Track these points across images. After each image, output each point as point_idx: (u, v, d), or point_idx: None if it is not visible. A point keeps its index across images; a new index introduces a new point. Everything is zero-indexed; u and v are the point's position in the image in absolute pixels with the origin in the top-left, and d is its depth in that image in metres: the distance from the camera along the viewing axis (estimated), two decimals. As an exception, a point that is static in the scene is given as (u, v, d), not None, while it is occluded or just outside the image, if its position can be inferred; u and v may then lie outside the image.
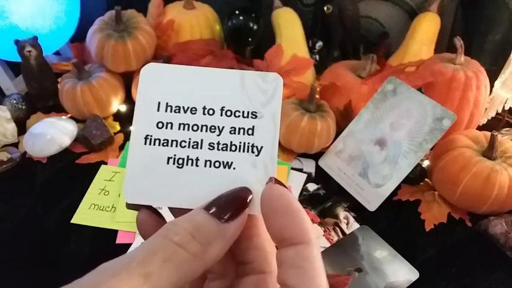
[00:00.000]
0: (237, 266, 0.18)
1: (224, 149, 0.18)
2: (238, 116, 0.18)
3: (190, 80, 0.19)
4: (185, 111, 0.18)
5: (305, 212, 0.16)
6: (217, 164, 0.18)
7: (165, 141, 0.18)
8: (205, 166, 0.18)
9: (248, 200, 0.17)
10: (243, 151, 0.18)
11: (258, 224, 0.18)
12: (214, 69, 0.19)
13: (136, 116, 0.19)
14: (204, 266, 0.16)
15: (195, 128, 0.18)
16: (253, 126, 0.18)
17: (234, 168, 0.18)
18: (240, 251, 0.18)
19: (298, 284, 0.15)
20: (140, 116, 0.19)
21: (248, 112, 0.18)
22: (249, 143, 0.18)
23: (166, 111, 0.18)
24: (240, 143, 0.18)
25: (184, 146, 0.18)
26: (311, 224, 0.17)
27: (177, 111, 0.18)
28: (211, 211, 0.16)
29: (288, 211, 0.16)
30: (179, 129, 0.18)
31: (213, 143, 0.18)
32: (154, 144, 0.18)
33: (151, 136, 0.18)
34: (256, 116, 0.18)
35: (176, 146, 0.18)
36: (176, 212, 0.19)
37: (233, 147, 0.18)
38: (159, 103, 0.19)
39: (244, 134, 0.18)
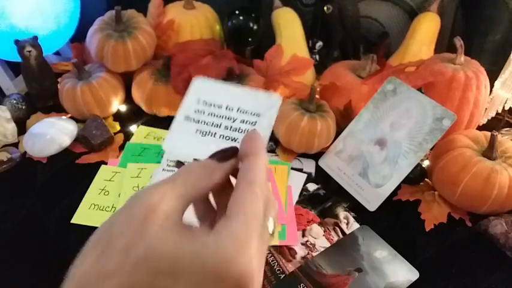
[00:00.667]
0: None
1: (234, 130, 0.28)
2: (247, 114, 0.28)
3: (221, 89, 0.29)
4: (213, 106, 0.29)
5: (259, 135, 0.25)
6: (227, 138, 0.28)
7: (197, 120, 0.28)
8: (219, 138, 0.28)
9: (235, 152, 0.25)
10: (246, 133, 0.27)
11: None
12: (240, 86, 0.29)
13: (183, 103, 0.29)
14: (211, 184, 0.23)
15: (218, 115, 0.28)
16: (255, 121, 0.28)
17: (238, 143, 0.27)
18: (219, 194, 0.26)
19: (247, 170, 0.23)
20: (186, 104, 0.29)
21: (254, 113, 0.28)
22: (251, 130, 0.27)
23: (201, 104, 0.29)
24: (246, 129, 0.28)
25: (209, 124, 0.28)
26: (261, 140, 0.25)
27: (208, 105, 0.29)
28: (213, 156, 0.24)
29: (249, 136, 0.25)
30: (208, 115, 0.28)
31: (228, 126, 0.28)
32: (190, 121, 0.28)
33: (188, 116, 0.28)
34: (259, 116, 0.28)
35: (203, 124, 0.28)
36: None
37: (240, 131, 0.28)
38: (199, 99, 0.29)
39: (249, 124, 0.28)
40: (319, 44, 0.74)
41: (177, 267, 0.18)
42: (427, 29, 0.69)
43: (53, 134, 0.61)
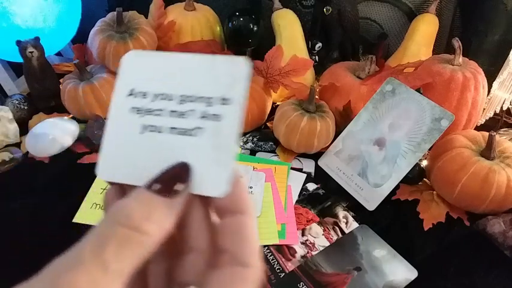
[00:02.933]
0: (174, 243, 0.19)
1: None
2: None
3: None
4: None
5: (245, 185, 0.18)
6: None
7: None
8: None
9: (187, 175, 0.18)
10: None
11: (197, 203, 0.18)
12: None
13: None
14: (157, 242, 0.16)
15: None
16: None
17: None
18: (179, 229, 0.18)
19: (237, 248, 0.17)
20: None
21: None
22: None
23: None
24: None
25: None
26: (248, 198, 0.18)
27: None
28: (154, 188, 0.17)
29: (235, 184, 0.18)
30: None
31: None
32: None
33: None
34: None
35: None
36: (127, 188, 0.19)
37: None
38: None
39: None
40: (319, 45, 0.74)
41: None
42: (425, 30, 0.70)
43: (55, 134, 0.61)
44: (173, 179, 0.17)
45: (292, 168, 0.61)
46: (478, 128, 0.64)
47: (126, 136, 0.19)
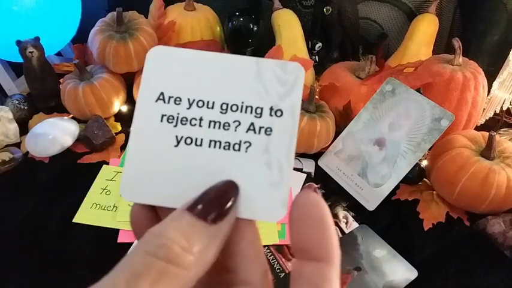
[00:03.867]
0: (221, 273, 0.16)
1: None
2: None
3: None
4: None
5: (335, 230, 0.15)
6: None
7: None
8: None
9: (234, 196, 0.15)
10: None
11: (248, 227, 0.16)
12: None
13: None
14: (197, 275, 0.14)
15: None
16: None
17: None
18: (226, 256, 0.16)
19: None
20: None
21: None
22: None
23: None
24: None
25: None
26: (338, 245, 0.15)
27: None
28: (196, 211, 0.14)
29: (319, 223, 0.15)
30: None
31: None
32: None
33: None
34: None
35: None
36: (161, 211, 0.17)
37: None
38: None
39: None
40: (319, 45, 0.74)
41: None
42: (425, 30, 0.70)
43: (55, 134, 0.61)
44: (218, 201, 0.15)
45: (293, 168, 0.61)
46: (478, 128, 0.64)
47: (157, 149, 0.17)
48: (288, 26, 0.70)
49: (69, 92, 0.64)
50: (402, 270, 0.47)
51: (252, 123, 0.16)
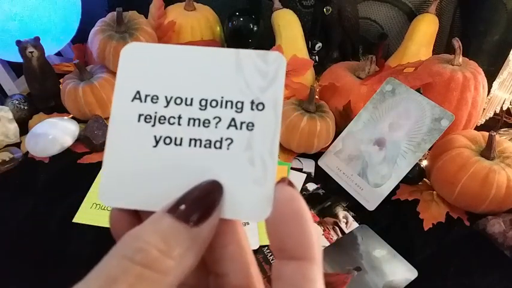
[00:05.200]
0: (209, 277, 0.16)
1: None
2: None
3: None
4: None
5: (315, 225, 0.14)
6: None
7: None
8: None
9: (218, 196, 0.15)
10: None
11: (234, 230, 0.16)
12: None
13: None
14: (177, 280, 0.13)
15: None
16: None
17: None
18: (214, 261, 0.16)
19: None
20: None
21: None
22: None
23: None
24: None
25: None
26: (319, 241, 0.14)
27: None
28: (177, 213, 0.14)
29: (297, 219, 0.14)
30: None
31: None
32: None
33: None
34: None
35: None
36: (144, 214, 0.16)
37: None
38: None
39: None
40: (319, 45, 0.74)
41: None
42: (425, 30, 0.70)
43: (55, 134, 0.61)
44: (201, 202, 0.14)
45: (292, 168, 0.61)
46: (478, 128, 0.64)
47: (135, 150, 0.16)
48: (288, 26, 0.70)
49: (69, 92, 0.64)
50: (402, 270, 0.47)
51: (233, 119, 0.16)
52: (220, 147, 0.16)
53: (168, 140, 0.16)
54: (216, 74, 0.16)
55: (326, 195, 0.58)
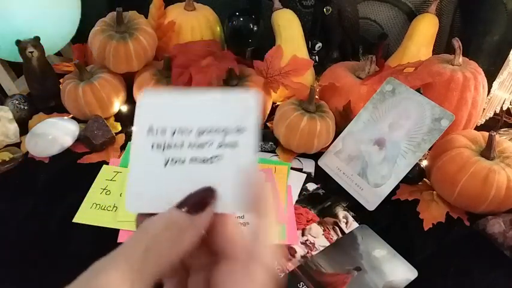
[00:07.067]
0: (209, 257, 0.21)
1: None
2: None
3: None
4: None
5: (266, 190, 0.21)
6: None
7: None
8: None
9: (212, 197, 0.20)
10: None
11: (224, 220, 0.21)
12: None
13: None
14: (180, 252, 0.18)
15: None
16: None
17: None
18: (212, 245, 0.21)
19: (252, 246, 0.20)
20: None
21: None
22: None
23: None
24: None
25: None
26: (269, 202, 0.21)
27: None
28: (182, 209, 0.19)
29: (254, 184, 0.21)
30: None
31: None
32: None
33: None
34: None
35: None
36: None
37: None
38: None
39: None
40: (319, 45, 0.74)
41: None
42: (425, 30, 0.70)
43: (55, 134, 0.61)
44: (199, 201, 0.20)
45: (292, 168, 0.61)
46: (478, 128, 0.64)
47: (151, 171, 0.22)
48: (288, 26, 0.70)
49: (69, 92, 0.64)
50: (402, 270, 0.47)
51: (222, 141, 0.21)
52: (212, 162, 0.21)
53: (174, 161, 0.22)
54: (208, 110, 0.22)
55: (326, 195, 0.58)
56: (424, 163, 0.60)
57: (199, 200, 0.20)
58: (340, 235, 0.52)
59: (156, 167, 0.21)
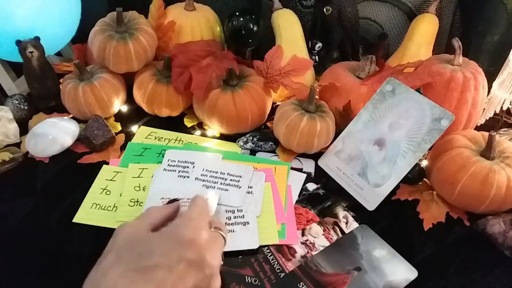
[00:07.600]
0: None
1: (227, 185, 0.41)
2: (233, 175, 0.41)
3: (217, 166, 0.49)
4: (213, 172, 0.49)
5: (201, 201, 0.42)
6: (222, 188, 0.40)
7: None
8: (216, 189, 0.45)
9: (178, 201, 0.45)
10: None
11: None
12: (224, 162, 0.44)
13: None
14: (164, 216, 0.41)
15: (215, 177, 0.47)
16: (239, 178, 0.40)
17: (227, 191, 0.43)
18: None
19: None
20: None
21: (237, 175, 0.42)
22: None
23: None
24: (233, 183, 0.41)
25: (210, 181, 0.47)
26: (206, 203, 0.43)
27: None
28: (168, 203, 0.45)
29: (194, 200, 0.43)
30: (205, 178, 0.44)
31: (221, 181, 0.43)
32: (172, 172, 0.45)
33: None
34: (241, 176, 0.41)
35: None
36: None
37: (228, 184, 0.41)
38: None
39: (235, 180, 0.41)
40: (319, 45, 0.74)
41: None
42: (425, 30, 0.70)
43: (55, 134, 0.61)
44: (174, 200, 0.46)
45: (292, 168, 0.61)
46: (478, 128, 0.64)
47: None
48: (288, 26, 0.70)
49: (69, 92, 0.64)
50: (402, 270, 0.48)
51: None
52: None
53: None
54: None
55: (326, 195, 0.58)
56: (424, 163, 0.60)
57: (173, 201, 0.45)
58: (340, 235, 0.52)
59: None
